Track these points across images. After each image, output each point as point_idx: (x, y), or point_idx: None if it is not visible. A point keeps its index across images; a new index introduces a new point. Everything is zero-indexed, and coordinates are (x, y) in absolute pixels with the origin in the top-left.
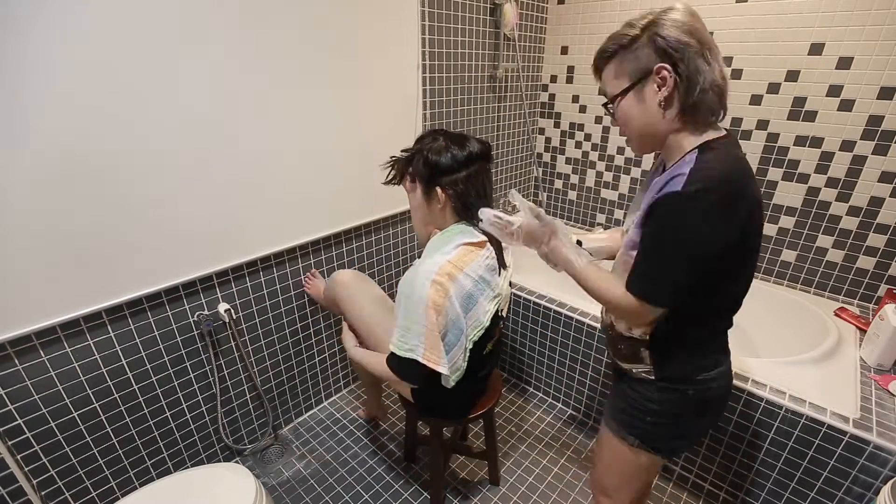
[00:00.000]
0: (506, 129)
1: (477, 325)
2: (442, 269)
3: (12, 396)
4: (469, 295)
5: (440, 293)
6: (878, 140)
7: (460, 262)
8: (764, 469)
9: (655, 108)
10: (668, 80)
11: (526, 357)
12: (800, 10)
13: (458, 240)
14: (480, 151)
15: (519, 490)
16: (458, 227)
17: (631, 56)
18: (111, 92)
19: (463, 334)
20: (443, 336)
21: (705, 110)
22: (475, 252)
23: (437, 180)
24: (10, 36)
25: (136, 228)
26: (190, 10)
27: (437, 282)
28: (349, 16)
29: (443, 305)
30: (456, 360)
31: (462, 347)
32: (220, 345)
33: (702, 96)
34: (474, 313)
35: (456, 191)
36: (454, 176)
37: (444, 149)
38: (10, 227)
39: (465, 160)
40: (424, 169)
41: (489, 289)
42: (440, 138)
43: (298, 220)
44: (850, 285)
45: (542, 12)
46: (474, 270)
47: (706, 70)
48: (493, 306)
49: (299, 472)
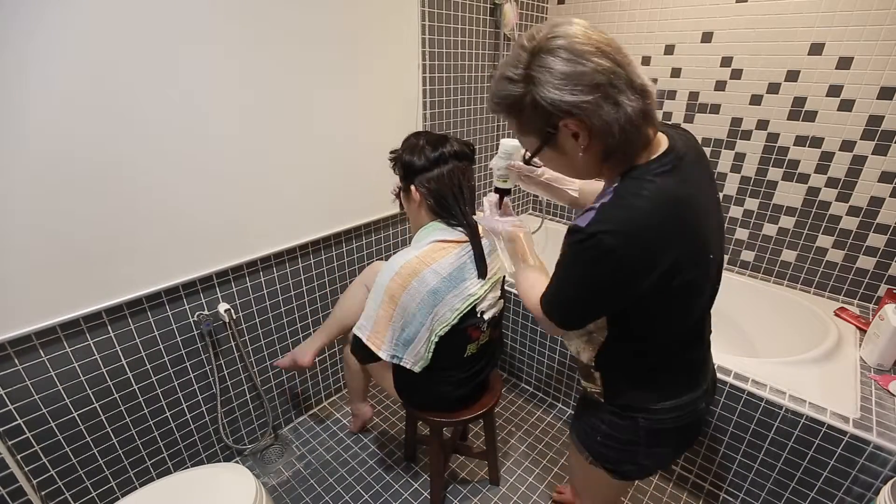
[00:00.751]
0: (506, 129)
1: (443, 321)
2: (407, 264)
3: (12, 396)
4: (434, 291)
5: (399, 285)
6: (878, 140)
7: (427, 259)
8: (764, 469)
9: (577, 154)
10: (580, 131)
11: (526, 357)
12: (800, 10)
13: (431, 237)
14: (456, 151)
15: (519, 490)
16: (435, 224)
17: (524, 116)
18: (111, 92)
19: (424, 327)
20: (402, 328)
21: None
22: (446, 249)
23: (412, 179)
24: (12, 34)
25: (137, 228)
26: (190, 11)
27: (399, 274)
28: (349, 16)
29: (398, 297)
30: (418, 350)
31: (424, 340)
32: (220, 345)
33: (623, 136)
34: (440, 309)
35: (428, 189)
36: (426, 174)
37: (419, 148)
38: (10, 226)
39: (436, 159)
40: (401, 169)
41: (460, 287)
42: (420, 139)
43: (298, 219)
44: (850, 285)
45: (542, 12)
46: (442, 267)
47: (615, 112)
48: (463, 305)
49: (299, 472)
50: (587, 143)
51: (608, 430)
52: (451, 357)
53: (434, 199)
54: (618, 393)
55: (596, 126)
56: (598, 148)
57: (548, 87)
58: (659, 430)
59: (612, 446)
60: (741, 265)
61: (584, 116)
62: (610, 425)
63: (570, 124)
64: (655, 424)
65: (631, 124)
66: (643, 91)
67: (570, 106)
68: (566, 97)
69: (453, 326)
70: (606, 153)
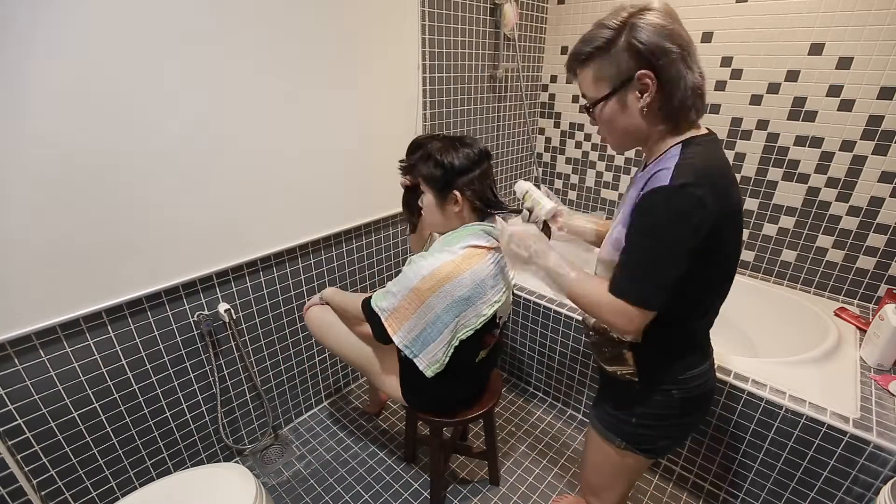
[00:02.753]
0: (506, 129)
1: (467, 326)
2: (443, 266)
3: (12, 396)
4: (465, 298)
5: (428, 288)
6: (878, 140)
7: (464, 265)
8: (764, 469)
9: (637, 114)
10: (650, 87)
11: (526, 357)
12: (800, 10)
13: (466, 241)
14: (485, 150)
15: (519, 490)
16: (468, 228)
17: (609, 61)
18: (111, 92)
19: (448, 330)
20: (423, 326)
21: (686, 112)
22: (481, 255)
23: (454, 183)
24: (10, 35)
25: (137, 228)
26: (190, 11)
27: (432, 276)
28: (349, 16)
29: (425, 297)
30: (435, 353)
31: (443, 343)
32: (220, 345)
33: (683, 100)
34: (467, 314)
35: (473, 190)
36: (469, 175)
37: (454, 148)
38: (10, 226)
39: (477, 158)
40: (438, 171)
41: (489, 294)
42: (440, 141)
43: (298, 219)
44: (850, 285)
45: (542, 12)
46: (476, 274)
47: (687, 75)
48: (489, 311)
49: (299, 472)
50: (650, 101)
51: (644, 410)
52: (464, 363)
53: (481, 199)
54: (653, 369)
55: (668, 80)
56: (657, 108)
57: (646, 32)
58: (690, 398)
59: (649, 425)
60: (741, 265)
61: (664, 67)
62: (646, 404)
63: (644, 77)
64: (687, 394)
65: (693, 90)
66: (701, 73)
67: (661, 52)
68: (663, 43)
69: (476, 332)
70: (664, 115)
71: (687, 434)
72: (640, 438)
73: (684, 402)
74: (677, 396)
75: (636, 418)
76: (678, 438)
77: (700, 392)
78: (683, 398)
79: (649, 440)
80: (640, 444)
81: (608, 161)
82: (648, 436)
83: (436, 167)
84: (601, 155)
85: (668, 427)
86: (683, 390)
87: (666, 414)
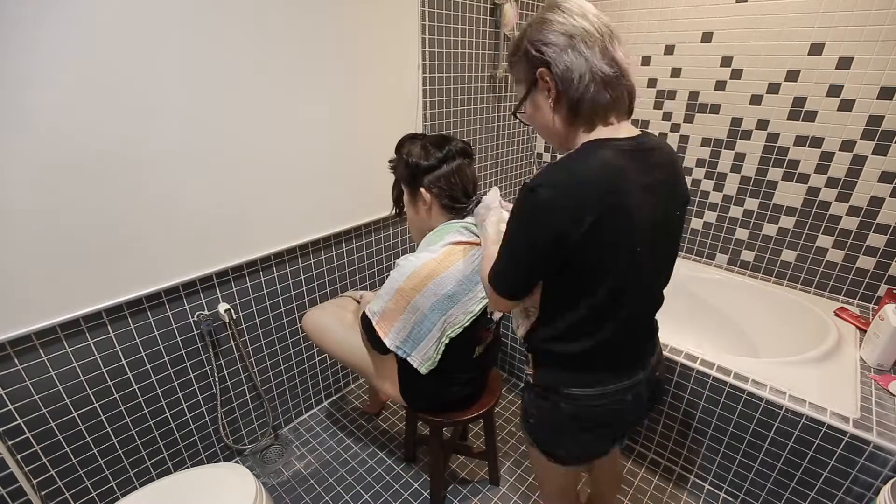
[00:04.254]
0: (506, 129)
1: (455, 324)
2: (424, 266)
3: (12, 396)
4: (451, 295)
5: (412, 287)
6: (878, 140)
7: (445, 262)
8: (764, 469)
9: (548, 111)
10: (549, 83)
11: None
12: (800, 10)
13: (446, 238)
14: (459, 148)
15: (519, 490)
16: (447, 226)
17: (518, 66)
18: (111, 92)
19: (436, 328)
20: (412, 326)
21: (590, 105)
22: (463, 251)
23: (420, 181)
24: (17, 27)
25: (136, 229)
26: (190, 11)
27: (415, 275)
28: (349, 16)
29: (411, 297)
30: (426, 351)
31: (434, 340)
32: (220, 345)
33: (583, 91)
34: (454, 312)
35: (440, 188)
36: (435, 173)
37: (422, 149)
38: (10, 226)
39: (443, 157)
40: (406, 171)
41: (476, 290)
42: (418, 142)
43: (298, 219)
44: (850, 285)
45: None
46: (459, 270)
47: (579, 63)
48: (478, 307)
49: (299, 472)
50: (555, 97)
51: (535, 413)
52: (460, 359)
53: (448, 196)
54: (543, 373)
55: (559, 73)
56: (564, 105)
57: (535, 31)
58: (584, 417)
59: (541, 428)
60: (741, 265)
61: (553, 60)
62: (538, 408)
63: (543, 74)
64: (580, 411)
65: (594, 82)
66: (614, 62)
67: (542, 44)
68: (546, 37)
69: (465, 329)
70: (569, 109)
71: (588, 452)
72: (538, 439)
73: (574, 418)
74: (566, 410)
75: (532, 419)
76: (577, 454)
77: (598, 413)
78: (573, 414)
79: (545, 443)
80: (540, 445)
81: None
82: (543, 439)
83: (405, 167)
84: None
85: (560, 438)
86: (573, 406)
87: (554, 423)
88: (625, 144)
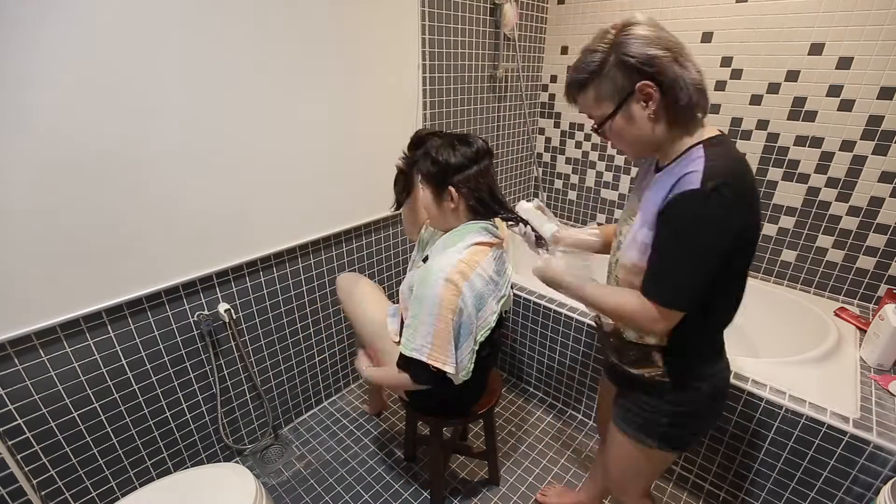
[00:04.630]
0: (506, 129)
1: (484, 326)
2: (456, 269)
3: (12, 396)
4: (480, 295)
5: (453, 292)
6: (878, 140)
7: (472, 262)
8: (764, 469)
9: (646, 122)
10: (652, 94)
11: (526, 357)
12: (800, 10)
13: (470, 238)
14: (486, 148)
15: (519, 490)
16: (469, 225)
17: (606, 80)
18: (111, 91)
19: (471, 335)
20: (455, 337)
21: (692, 110)
22: (486, 251)
23: (450, 179)
24: (17, 27)
25: (137, 229)
26: (190, 11)
27: (450, 280)
28: (349, 16)
29: (456, 305)
30: (462, 359)
31: (470, 348)
32: (220, 345)
33: (688, 99)
34: (483, 313)
35: (469, 188)
36: (466, 173)
37: (451, 146)
38: (10, 226)
39: (474, 156)
40: (434, 168)
41: (497, 289)
42: (445, 139)
43: (298, 219)
44: (850, 285)
45: (542, 12)
46: (485, 270)
47: (683, 73)
48: (499, 307)
49: (299, 472)
50: (655, 108)
51: (673, 409)
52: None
53: (477, 198)
54: (683, 366)
55: (667, 83)
56: (665, 113)
57: (633, 45)
58: (714, 392)
59: (679, 422)
60: None
61: (659, 71)
62: (677, 403)
63: (644, 86)
64: (713, 387)
65: (694, 86)
66: (698, 70)
67: (650, 59)
68: (650, 51)
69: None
70: (673, 118)
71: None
72: (671, 436)
73: (710, 395)
74: (706, 391)
75: (667, 418)
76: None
77: (723, 384)
78: (710, 392)
79: (681, 438)
80: (671, 443)
81: (608, 161)
82: (680, 434)
83: (432, 164)
84: (601, 155)
85: (697, 422)
86: (710, 384)
87: (696, 410)
88: (727, 139)
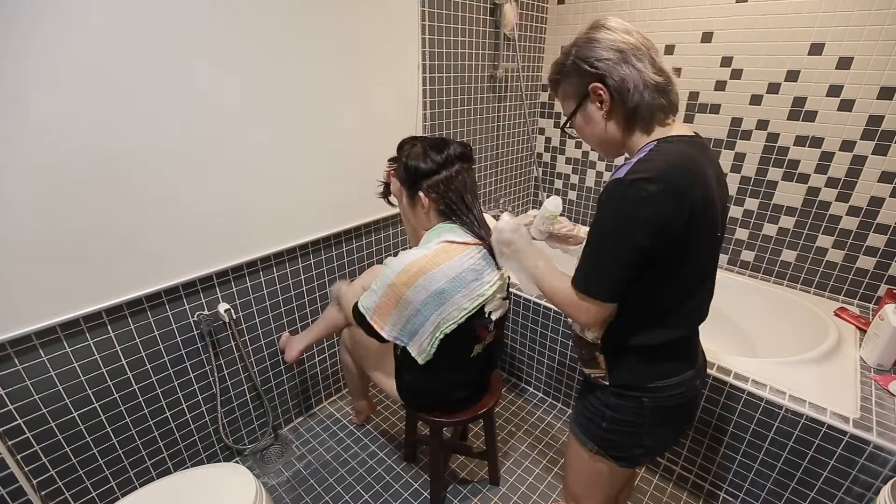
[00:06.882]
0: (506, 129)
1: (450, 320)
2: (415, 262)
3: (12, 396)
4: (440, 291)
5: (402, 283)
6: (878, 140)
7: (436, 259)
8: (764, 469)
9: (601, 122)
10: (603, 95)
11: (526, 357)
12: (800, 10)
13: (441, 237)
14: (459, 153)
15: (519, 490)
16: (444, 225)
17: (567, 81)
18: (112, 93)
19: (429, 322)
20: (406, 319)
21: (648, 110)
22: (457, 250)
23: (419, 184)
24: (16, 30)
25: (137, 229)
26: (190, 12)
27: (405, 271)
28: (349, 17)
29: (402, 293)
30: (421, 343)
31: (428, 334)
32: (220, 345)
33: (639, 99)
34: (447, 308)
35: (438, 193)
36: (434, 178)
37: (422, 153)
38: (10, 226)
39: (442, 162)
40: (405, 175)
41: (470, 287)
42: (418, 144)
43: (298, 219)
44: (850, 285)
45: (542, 12)
46: (451, 268)
47: (633, 74)
48: (471, 304)
49: (299, 472)
50: (609, 107)
51: (613, 414)
52: (458, 357)
53: (445, 203)
54: (622, 372)
55: (615, 85)
56: (619, 113)
57: (586, 48)
58: (662, 407)
59: (618, 430)
60: (741, 265)
61: (606, 73)
62: (615, 408)
63: (596, 87)
64: (659, 402)
65: (648, 89)
66: (662, 71)
67: (596, 60)
68: (600, 53)
69: (461, 325)
70: (628, 119)
71: (664, 444)
72: (610, 444)
73: (656, 411)
74: (648, 404)
75: (606, 423)
76: (653, 448)
77: (677, 402)
78: (656, 407)
79: (621, 447)
80: (611, 451)
81: (608, 161)
82: (620, 442)
83: (405, 170)
84: (601, 155)
85: (639, 435)
86: (655, 399)
87: (637, 422)
88: (689, 139)
